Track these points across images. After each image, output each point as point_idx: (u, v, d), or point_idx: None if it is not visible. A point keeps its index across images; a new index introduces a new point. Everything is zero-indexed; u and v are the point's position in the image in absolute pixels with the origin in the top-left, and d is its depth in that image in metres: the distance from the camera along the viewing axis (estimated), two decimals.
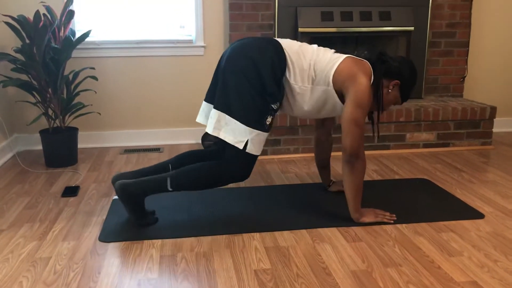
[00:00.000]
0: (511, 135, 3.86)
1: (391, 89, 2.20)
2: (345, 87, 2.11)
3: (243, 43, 2.16)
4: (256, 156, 2.15)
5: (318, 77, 2.15)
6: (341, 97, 2.17)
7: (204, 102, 2.29)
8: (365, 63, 2.17)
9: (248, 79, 2.07)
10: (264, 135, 2.13)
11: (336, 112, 2.26)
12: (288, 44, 2.19)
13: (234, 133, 2.09)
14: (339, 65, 2.13)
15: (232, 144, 2.09)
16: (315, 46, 2.25)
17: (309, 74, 2.15)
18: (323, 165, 2.59)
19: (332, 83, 2.13)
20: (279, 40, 2.21)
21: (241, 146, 2.09)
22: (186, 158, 2.39)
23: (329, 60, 2.16)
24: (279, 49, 2.14)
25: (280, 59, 2.12)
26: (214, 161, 2.18)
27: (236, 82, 2.08)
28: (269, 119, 2.12)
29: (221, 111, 2.10)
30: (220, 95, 2.12)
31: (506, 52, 3.91)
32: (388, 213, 2.26)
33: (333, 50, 2.25)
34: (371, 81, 2.15)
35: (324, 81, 2.15)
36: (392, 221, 2.22)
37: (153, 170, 2.34)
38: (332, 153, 3.30)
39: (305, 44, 2.24)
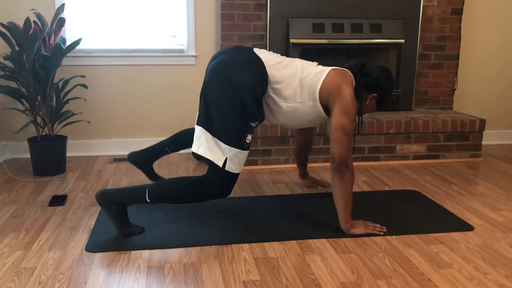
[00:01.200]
0: (500, 148, 3.89)
1: (368, 102, 2.30)
2: (331, 100, 2.18)
3: (224, 60, 2.17)
4: (236, 175, 2.18)
5: (304, 94, 2.20)
6: (326, 109, 2.24)
7: (196, 127, 2.25)
8: (347, 73, 2.24)
9: (228, 99, 2.11)
10: (244, 153, 2.17)
11: (319, 122, 2.35)
12: (270, 62, 2.21)
13: (214, 150, 2.15)
14: (324, 79, 2.18)
15: (211, 160, 2.14)
16: (297, 61, 2.28)
17: (294, 92, 2.20)
18: (302, 161, 2.84)
19: (319, 98, 2.19)
20: (261, 55, 2.21)
21: (220, 164, 2.13)
22: (184, 139, 2.63)
23: (314, 75, 2.20)
24: (261, 68, 2.17)
25: (261, 79, 2.16)
26: (195, 177, 2.20)
27: (217, 101, 2.13)
28: (249, 137, 2.17)
29: (203, 128, 2.17)
30: (202, 112, 2.18)
31: (495, 66, 3.95)
32: (378, 225, 2.26)
33: (316, 63, 2.30)
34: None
35: (310, 97, 2.21)
36: (382, 233, 2.22)
37: (155, 149, 2.66)
38: (322, 164, 3.30)
39: (287, 60, 2.27)
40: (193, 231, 2.23)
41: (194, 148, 2.18)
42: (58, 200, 2.58)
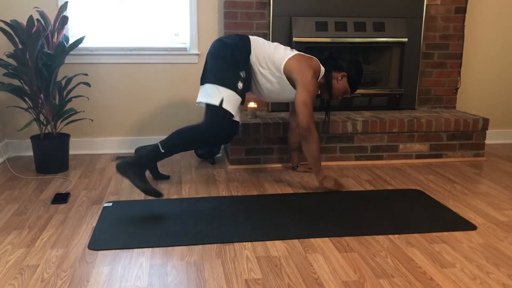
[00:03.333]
0: (503, 147, 3.88)
1: (340, 80, 2.75)
2: (294, 76, 2.64)
3: (218, 38, 2.75)
4: (229, 115, 2.55)
5: (273, 66, 2.69)
6: (294, 84, 2.69)
7: (200, 87, 2.72)
8: (313, 59, 2.70)
9: (220, 53, 2.64)
10: (237, 96, 2.59)
11: (291, 95, 2.76)
12: (254, 38, 2.73)
13: (210, 94, 2.58)
14: (289, 58, 2.67)
15: (209, 102, 2.56)
16: (278, 44, 2.77)
17: (267, 61, 2.68)
18: (294, 148, 3.10)
19: (284, 71, 2.67)
20: (249, 36, 2.75)
21: (217, 102, 2.54)
22: None
23: (283, 54, 2.69)
24: (245, 38, 2.71)
25: (245, 42, 2.69)
26: (198, 124, 2.60)
27: (212, 59, 2.66)
28: (240, 84, 2.61)
29: (202, 84, 2.66)
30: (203, 73, 2.70)
31: (498, 65, 3.94)
32: (344, 186, 2.78)
33: (289, 48, 2.75)
34: (320, 74, 2.71)
35: (277, 69, 2.68)
36: (343, 190, 2.72)
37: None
38: (324, 163, 3.29)
39: (268, 41, 2.79)
40: (196, 229, 2.24)
41: (197, 100, 2.64)
42: (60, 198, 2.59)
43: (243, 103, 2.72)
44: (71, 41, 3.24)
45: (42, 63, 2.90)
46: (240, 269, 1.89)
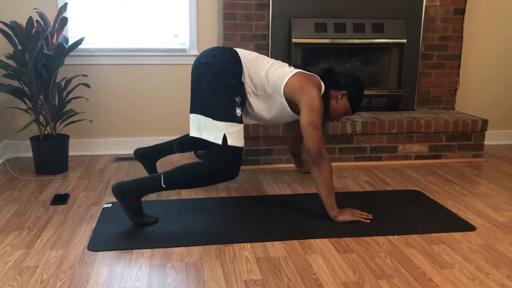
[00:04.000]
0: (502, 148, 3.89)
1: (339, 99, 2.44)
2: (296, 98, 2.33)
3: (201, 55, 2.43)
4: (238, 149, 2.30)
5: (270, 87, 2.39)
6: (295, 106, 2.41)
7: (190, 115, 2.42)
8: (314, 77, 2.40)
9: (209, 80, 2.33)
10: (238, 126, 2.31)
11: (292, 119, 2.53)
12: (244, 53, 2.43)
13: (212, 131, 2.29)
14: (290, 78, 2.36)
15: (213, 141, 2.28)
16: (270, 59, 2.49)
17: (263, 82, 2.39)
18: (295, 154, 3.04)
19: (284, 94, 2.37)
20: (236, 49, 2.44)
21: (220, 141, 2.26)
22: (189, 143, 2.84)
23: (281, 73, 2.39)
24: (234, 55, 2.39)
25: (235, 62, 2.37)
26: (204, 162, 2.32)
27: (200, 85, 2.35)
28: (238, 111, 2.31)
29: (197, 114, 2.35)
30: (192, 100, 2.39)
31: (497, 66, 3.94)
32: (365, 213, 2.38)
33: (287, 64, 2.47)
34: (322, 92, 2.40)
35: (275, 91, 2.38)
36: (368, 221, 2.34)
37: (162, 146, 2.84)
38: None
39: (260, 56, 2.48)
40: (195, 230, 2.24)
41: (192, 133, 2.36)
42: (60, 199, 2.59)
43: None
44: (70, 42, 3.24)
45: (41, 64, 2.90)
46: (240, 270, 1.90)
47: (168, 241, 2.12)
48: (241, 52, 2.43)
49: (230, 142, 2.26)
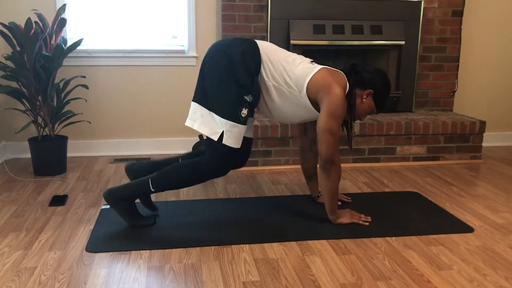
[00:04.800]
0: (500, 150, 3.89)
1: (365, 99, 2.27)
2: (319, 97, 2.17)
3: (220, 41, 2.24)
4: (234, 150, 2.17)
5: (292, 82, 2.21)
6: (316, 105, 2.23)
7: (192, 103, 2.26)
8: (340, 74, 2.23)
9: (221, 71, 2.13)
10: (240, 127, 2.15)
11: (310, 118, 2.32)
12: (265, 45, 2.25)
13: (210, 124, 2.15)
14: (314, 74, 2.19)
15: (208, 135, 2.15)
16: (292, 53, 2.32)
17: (284, 76, 2.20)
18: (310, 175, 2.61)
19: (306, 91, 2.19)
20: (257, 41, 2.26)
21: (216, 138, 2.13)
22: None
23: (305, 68, 2.21)
24: (254, 46, 2.20)
25: (253, 54, 2.18)
26: (194, 160, 2.23)
27: (211, 75, 2.15)
28: (244, 112, 2.14)
29: (198, 103, 2.18)
30: (198, 88, 2.21)
31: (495, 67, 3.95)
32: (363, 215, 2.37)
33: (309, 60, 2.29)
34: (346, 91, 2.22)
35: (298, 87, 2.20)
36: (367, 223, 2.32)
37: (166, 161, 2.44)
38: None
39: (282, 49, 2.31)
40: (193, 231, 2.24)
41: (189, 123, 2.19)
42: (58, 200, 2.59)
43: (253, 112, 2.34)
44: (69, 43, 3.24)
45: (40, 65, 2.90)
46: (238, 272, 1.90)
47: (166, 243, 2.12)
48: (261, 43, 2.25)
49: (225, 142, 2.13)
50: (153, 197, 2.68)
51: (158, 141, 3.61)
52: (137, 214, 2.27)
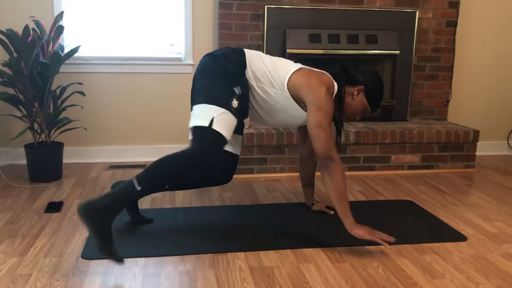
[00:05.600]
0: (493, 159, 3.93)
1: (355, 95, 2.24)
2: (302, 94, 2.17)
3: (206, 54, 2.30)
4: (222, 138, 2.06)
5: (275, 81, 2.22)
6: (303, 104, 2.22)
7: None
8: (324, 74, 2.23)
9: (208, 67, 2.18)
10: (230, 115, 2.10)
11: (302, 118, 2.29)
12: (250, 51, 2.30)
13: (198, 116, 2.10)
14: (295, 72, 2.21)
15: (196, 125, 2.07)
16: (282, 58, 2.34)
17: (268, 76, 2.22)
18: (307, 183, 2.61)
19: (288, 88, 2.20)
20: (244, 49, 2.32)
21: (206, 123, 2.05)
22: None
23: (287, 67, 2.23)
24: (239, 50, 2.26)
25: (238, 54, 2.23)
26: (182, 151, 2.08)
27: (200, 76, 2.19)
28: (235, 102, 2.12)
29: (193, 105, 2.18)
30: (193, 93, 2.24)
31: (489, 77, 3.99)
32: (385, 235, 2.09)
33: (292, 62, 2.31)
34: (334, 91, 2.23)
35: (279, 85, 2.21)
36: (387, 244, 2.06)
37: None
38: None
39: (265, 54, 2.34)
40: (189, 239, 2.24)
41: (189, 125, 2.15)
42: (54, 207, 2.59)
43: (242, 128, 2.39)
44: (66, 50, 3.25)
45: (37, 72, 2.91)
46: (233, 279, 1.90)
47: (161, 250, 2.12)
48: (247, 50, 2.31)
49: (215, 126, 2.04)
50: (148, 204, 2.68)
51: (154, 148, 3.62)
52: (111, 239, 1.90)
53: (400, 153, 3.41)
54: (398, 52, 3.59)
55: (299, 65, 2.26)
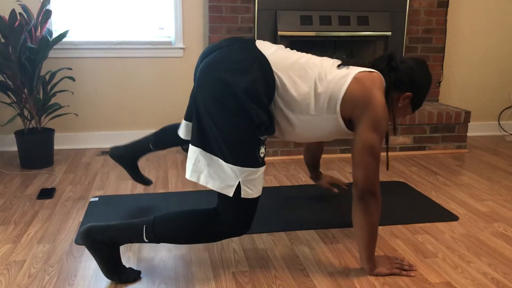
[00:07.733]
0: (485, 139, 3.95)
1: (401, 103, 1.85)
2: (356, 113, 1.71)
3: (215, 59, 1.68)
4: (255, 200, 1.71)
5: (320, 105, 1.73)
6: (348, 123, 1.78)
7: (183, 121, 1.97)
8: (375, 75, 1.76)
9: (226, 107, 1.61)
10: (260, 171, 1.67)
11: (334, 138, 1.91)
12: (278, 61, 1.72)
13: (220, 176, 1.65)
14: (348, 86, 1.71)
15: (219, 191, 1.67)
16: (316, 59, 1.81)
17: (307, 102, 1.72)
18: (313, 167, 2.49)
19: (340, 110, 1.73)
20: (264, 50, 1.72)
21: (231, 193, 1.64)
22: (169, 136, 2.26)
23: (334, 81, 1.72)
24: (265, 69, 1.68)
25: (266, 81, 1.67)
26: (205, 210, 1.75)
27: (212, 112, 1.63)
28: (262, 150, 1.67)
29: (199, 147, 1.67)
30: (195, 128, 1.67)
31: (480, 58, 4.00)
32: (406, 262, 1.87)
33: (336, 62, 1.81)
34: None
35: (328, 109, 1.73)
36: (412, 274, 1.82)
37: (137, 145, 2.33)
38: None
39: (302, 57, 1.79)
40: None
41: (193, 177, 1.69)
42: (46, 193, 2.58)
43: None
44: (54, 35, 3.21)
45: (25, 57, 2.87)
46: (228, 262, 1.92)
47: None
48: (272, 57, 1.72)
49: (246, 195, 1.65)
50: (141, 189, 2.68)
51: (145, 133, 3.59)
52: (120, 265, 1.77)
53: (392, 134, 3.42)
54: (389, 33, 3.58)
55: (349, 74, 1.73)
